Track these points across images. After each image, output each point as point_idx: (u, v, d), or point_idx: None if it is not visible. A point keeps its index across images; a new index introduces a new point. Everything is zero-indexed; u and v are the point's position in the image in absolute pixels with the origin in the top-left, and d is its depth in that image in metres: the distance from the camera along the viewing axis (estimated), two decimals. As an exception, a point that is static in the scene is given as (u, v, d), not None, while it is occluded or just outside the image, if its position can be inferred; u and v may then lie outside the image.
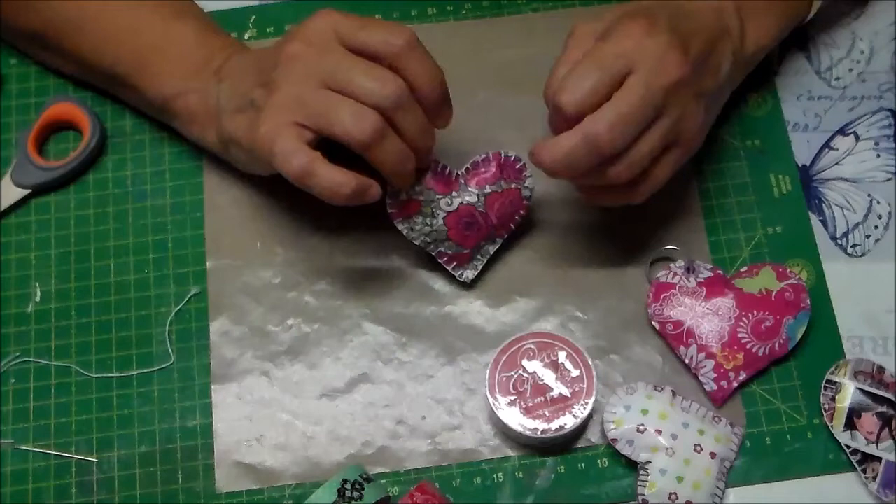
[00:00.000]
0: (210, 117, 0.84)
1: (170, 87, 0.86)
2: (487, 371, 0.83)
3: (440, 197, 0.83)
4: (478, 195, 0.84)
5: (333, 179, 0.75)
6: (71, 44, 0.89)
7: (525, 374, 0.83)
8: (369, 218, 0.89)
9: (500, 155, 0.84)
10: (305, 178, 0.75)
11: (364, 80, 0.75)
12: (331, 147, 0.77)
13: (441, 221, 0.84)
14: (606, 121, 0.75)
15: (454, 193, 0.84)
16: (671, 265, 0.88)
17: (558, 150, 0.76)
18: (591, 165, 0.77)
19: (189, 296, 0.89)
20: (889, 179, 0.93)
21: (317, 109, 0.75)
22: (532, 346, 0.84)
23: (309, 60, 0.76)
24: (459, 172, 0.84)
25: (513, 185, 0.85)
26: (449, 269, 0.87)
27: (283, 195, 0.91)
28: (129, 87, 0.89)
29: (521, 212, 0.87)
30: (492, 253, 0.88)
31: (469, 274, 0.88)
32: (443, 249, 0.85)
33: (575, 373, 0.83)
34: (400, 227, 0.84)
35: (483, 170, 0.84)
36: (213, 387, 0.87)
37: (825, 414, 0.85)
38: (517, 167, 0.85)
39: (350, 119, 0.74)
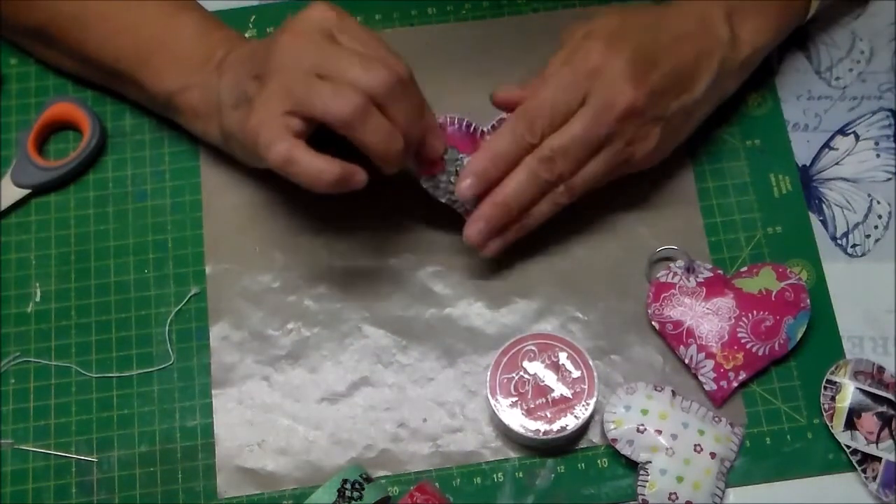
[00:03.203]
0: (212, 113, 0.85)
1: (172, 83, 0.86)
2: (488, 373, 0.83)
3: (463, 156, 0.82)
4: None
5: (314, 166, 0.75)
6: (74, 40, 0.89)
7: (526, 376, 0.83)
8: (368, 221, 0.90)
9: None
10: (287, 166, 0.75)
11: (351, 67, 0.75)
12: (331, 144, 0.77)
13: None
14: (550, 151, 0.80)
15: None
16: (671, 265, 0.88)
17: (508, 183, 0.81)
18: (535, 195, 0.82)
19: (189, 296, 0.89)
20: (889, 179, 0.93)
21: (301, 95, 0.75)
22: (532, 348, 0.84)
23: (300, 53, 0.76)
24: (485, 129, 0.83)
25: None
26: None
27: (281, 199, 0.91)
28: (132, 84, 0.89)
29: None
30: None
31: None
32: (468, 207, 0.84)
33: (576, 373, 0.83)
34: (425, 185, 0.83)
35: None
36: (213, 392, 0.86)
37: (825, 414, 0.85)
38: None
39: (330, 97, 0.74)
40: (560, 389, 0.83)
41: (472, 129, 0.83)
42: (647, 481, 0.82)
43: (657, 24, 0.82)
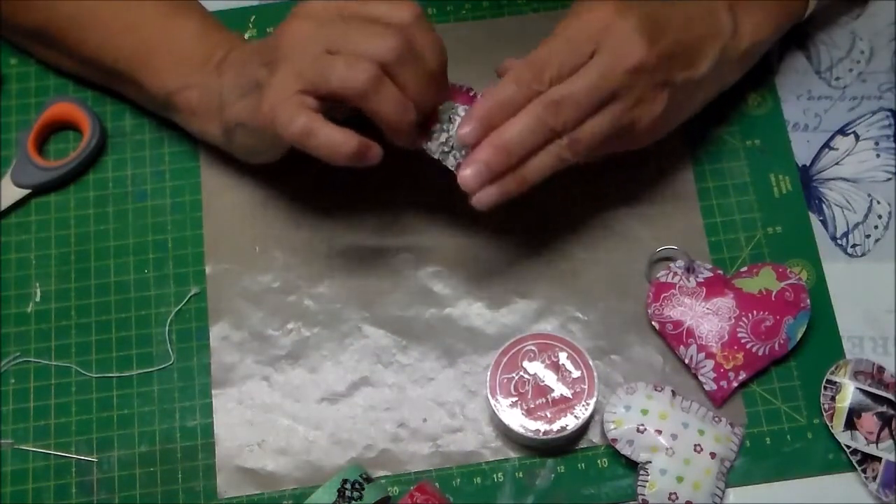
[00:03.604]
0: (212, 111, 0.85)
1: (171, 83, 0.86)
2: (488, 373, 0.83)
3: (458, 105, 0.81)
4: None
5: (333, 138, 0.75)
6: (73, 40, 0.89)
7: (526, 376, 0.83)
8: (368, 221, 0.90)
9: None
10: (306, 139, 0.75)
11: (360, 36, 0.75)
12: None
13: (457, 126, 0.80)
14: (558, 95, 0.77)
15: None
16: (671, 265, 0.88)
17: (510, 127, 0.78)
18: (537, 142, 0.78)
19: (189, 296, 0.89)
20: (889, 179, 0.93)
21: (315, 72, 0.75)
22: (532, 348, 0.84)
23: (310, 34, 0.76)
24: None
25: None
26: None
27: (281, 199, 0.91)
28: (130, 83, 0.89)
29: None
30: None
31: None
32: (459, 158, 0.81)
33: (576, 373, 0.83)
34: (423, 145, 0.81)
35: None
36: (213, 392, 0.86)
37: (825, 414, 0.85)
38: None
39: (344, 69, 0.74)
40: (560, 389, 0.83)
41: (471, 93, 0.82)
42: (647, 481, 0.82)
43: (663, 5, 0.82)
